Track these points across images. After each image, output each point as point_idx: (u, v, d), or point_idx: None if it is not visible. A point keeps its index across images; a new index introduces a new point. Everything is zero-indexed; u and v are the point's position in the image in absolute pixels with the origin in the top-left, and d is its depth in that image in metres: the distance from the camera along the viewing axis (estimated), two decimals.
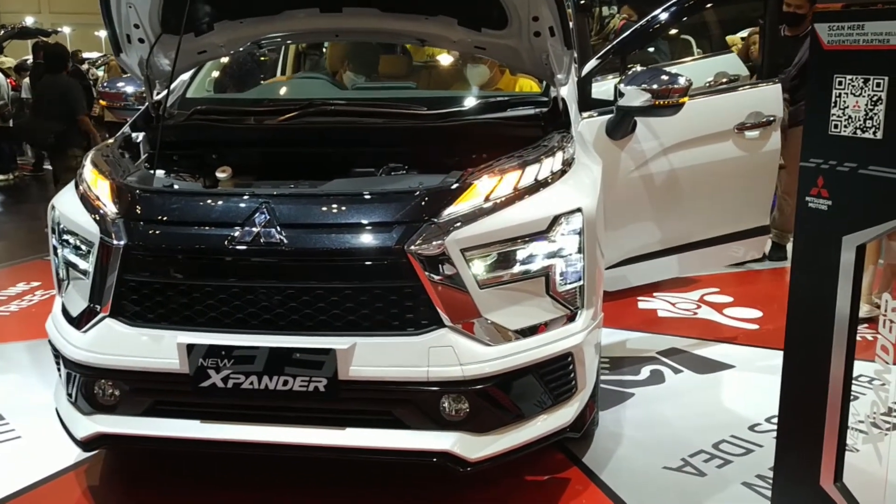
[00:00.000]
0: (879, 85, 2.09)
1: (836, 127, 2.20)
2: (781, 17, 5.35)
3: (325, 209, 2.62)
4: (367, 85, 4.43)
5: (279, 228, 2.54)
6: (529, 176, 2.71)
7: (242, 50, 3.79)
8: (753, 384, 3.89)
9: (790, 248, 4.45)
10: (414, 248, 2.48)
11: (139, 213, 2.70)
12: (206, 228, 2.62)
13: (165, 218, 2.68)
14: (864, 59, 2.12)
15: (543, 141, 3.00)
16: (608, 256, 3.76)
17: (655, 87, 3.47)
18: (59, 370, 2.90)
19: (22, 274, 5.99)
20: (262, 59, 5.22)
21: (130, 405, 2.70)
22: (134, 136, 3.45)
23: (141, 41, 3.30)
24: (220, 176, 3.21)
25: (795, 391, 2.42)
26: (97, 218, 2.72)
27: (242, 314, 2.58)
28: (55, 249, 2.94)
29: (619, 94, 3.58)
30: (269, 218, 2.56)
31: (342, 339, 2.51)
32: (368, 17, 3.43)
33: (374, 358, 2.51)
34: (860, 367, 2.32)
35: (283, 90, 4.69)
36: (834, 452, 2.32)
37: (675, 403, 3.70)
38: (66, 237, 2.87)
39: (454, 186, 2.64)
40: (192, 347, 2.53)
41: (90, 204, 2.80)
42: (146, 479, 3.10)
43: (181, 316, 2.62)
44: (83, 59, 10.30)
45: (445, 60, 4.64)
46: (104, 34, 3.34)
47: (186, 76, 4.00)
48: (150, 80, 3.49)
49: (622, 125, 3.83)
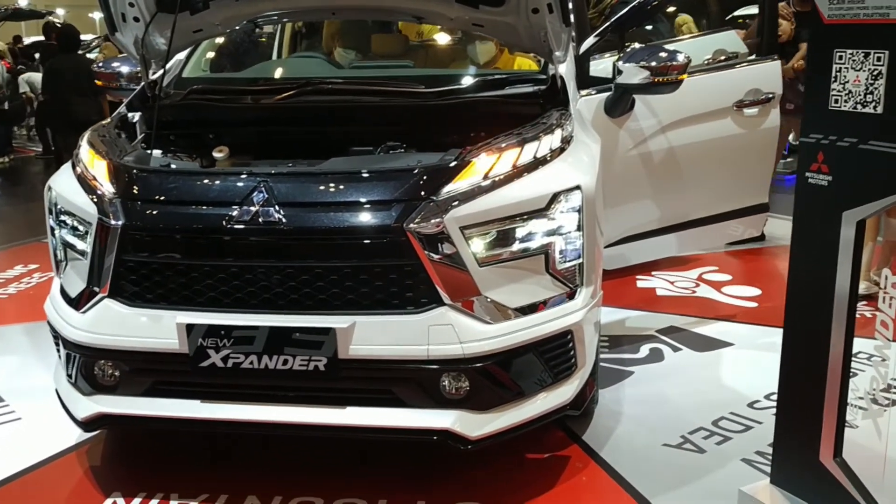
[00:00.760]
0: (880, 59, 2.08)
1: (836, 102, 2.19)
2: None
3: (323, 188, 2.62)
4: (364, 64, 4.41)
5: (277, 207, 2.53)
6: (528, 154, 2.70)
7: (239, 28, 3.76)
8: (752, 361, 3.90)
9: None
10: (413, 226, 2.48)
11: (137, 193, 2.69)
12: (204, 208, 2.62)
13: (163, 198, 2.67)
14: (864, 32, 2.10)
15: (542, 119, 2.99)
16: (607, 235, 3.75)
17: (654, 64, 3.45)
18: (58, 351, 2.90)
19: (20, 256, 5.97)
20: (261, 39, 5.18)
21: (130, 385, 2.70)
22: (130, 115, 3.43)
23: (136, 20, 3.27)
24: (217, 155, 3.20)
25: (795, 367, 2.42)
26: (95, 198, 2.71)
27: (242, 294, 2.58)
28: (53, 230, 2.93)
29: (617, 71, 3.56)
30: (267, 197, 2.55)
31: (342, 318, 2.51)
32: None
33: (373, 337, 2.51)
34: (859, 343, 2.33)
35: (279, 69, 4.66)
36: (833, 428, 2.32)
37: (674, 381, 3.70)
38: (63, 218, 2.86)
39: (453, 164, 2.64)
40: (191, 327, 2.53)
41: (87, 184, 2.79)
42: (147, 459, 3.10)
43: (180, 296, 2.62)
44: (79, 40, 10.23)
45: (442, 39, 4.61)
46: (98, 16, 3.30)
47: (182, 55, 3.97)
48: (145, 59, 3.45)
49: (620, 103, 3.80)
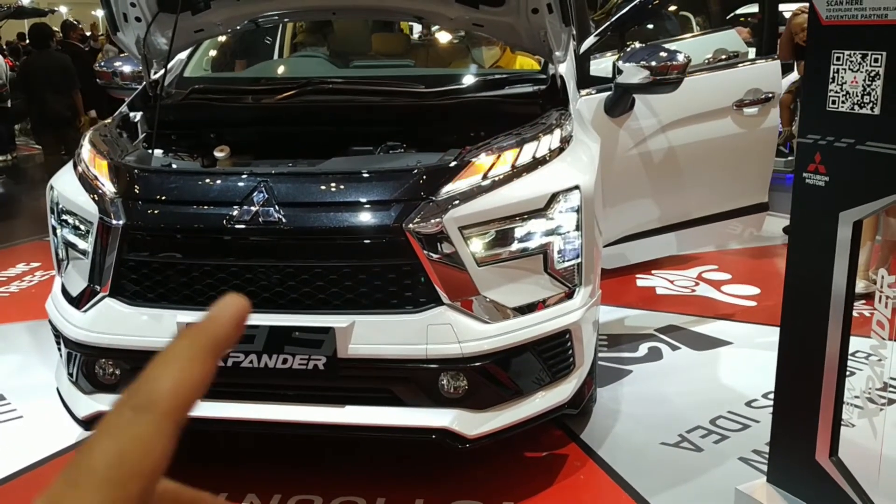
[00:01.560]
0: (877, 60, 2.09)
1: (833, 103, 2.20)
2: None
3: (323, 188, 2.63)
4: (365, 63, 4.41)
5: (277, 207, 2.55)
6: (527, 154, 2.71)
7: (240, 28, 3.78)
8: (751, 360, 3.91)
9: None
10: (412, 226, 2.49)
11: (138, 192, 2.70)
12: (204, 208, 2.63)
13: (164, 197, 2.68)
14: (862, 34, 2.11)
15: (541, 118, 3.00)
16: (606, 234, 3.76)
17: (654, 63, 3.45)
18: (59, 350, 2.91)
19: (22, 255, 5.98)
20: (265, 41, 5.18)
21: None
22: (132, 115, 3.44)
23: (138, 20, 3.28)
24: (218, 155, 3.21)
25: (792, 367, 2.43)
26: (96, 198, 2.73)
27: (242, 293, 2.58)
28: (54, 229, 2.94)
29: (617, 71, 3.57)
30: (267, 197, 2.56)
31: (341, 317, 2.52)
32: None
33: (372, 336, 2.52)
34: (856, 342, 2.34)
35: (280, 69, 4.67)
36: (829, 427, 2.33)
37: (672, 380, 3.71)
38: (65, 217, 2.88)
39: (452, 164, 2.65)
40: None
41: (89, 184, 2.80)
42: None
43: (180, 295, 2.63)
44: (84, 35, 10.15)
45: (442, 38, 4.62)
46: (101, 13, 3.31)
47: (184, 55, 3.99)
48: (147, 59, 3.47)
49: (621, 102, 3.81)
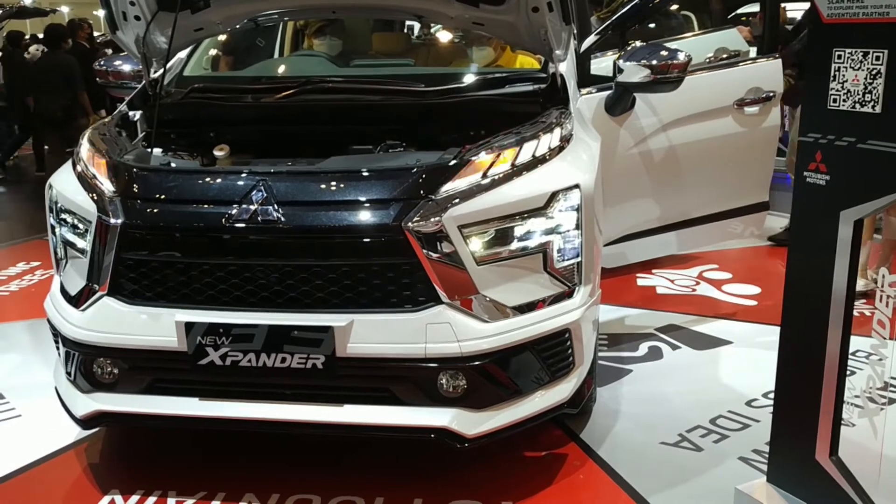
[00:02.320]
0: (879, 58, 2.08)
1: (834, 101, 2.19)
2: None
3: (322, 186, 2.62)
4: (365, 62, 4.41)
5: (276, 206, 2.54)
6: (527, 152, 2.70)
7: (239, 27, 3.77)
8: (751, 360, 3.90)
9: None
10: (411, 224, 2.48)
11: (136, 191, 2.69)
12: (203, 206, 2.62)
13: (163, 196, 2.67)
14: (863, 32, 2.10)
15: (541, 117, 2.99)
16: (607, 233, 3.75)
17: (655, 62, 3.45)
18: (57, 349, 2.90)
19: (21, 254, 5.99)
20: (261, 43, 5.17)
21: (129, 383, 2.71)
22: (131, 114, 3.43)
23: (137, 18, 3.28)
24: (217, 154, 3.20)
25: (792, 366, 2.43)
26: (94, 197, 2.72)
27: (240, 292, 2.58)
28: (53, 228, 2.93)
29: (618, 69, 3.56)
30: (266, 195, 2.56)
31: (340, 316, 2.51)
32: None
33: (371, 335, 2.51)
34: (856, 342, 2.33)
35: (280, 68, 4.66)
36: (830, 427, 2.33)
37: (672, 379, 3.71)
38: (63, 216, 2.87)
39: (452, 163, 2.64)
40: (190, 325, 2.53)
41: (87, 182, 2.79)
42: (145, 457, 3.11)
43: (179, 294, 2.62)
44: (91, 34, 10.12)
45: (443, 37, 4.61)
46: (102, 14, 3.31)
47: (183, 54, 3.98)
48: (146, 57, 3.46)
49: (621, 101, 3.81)
